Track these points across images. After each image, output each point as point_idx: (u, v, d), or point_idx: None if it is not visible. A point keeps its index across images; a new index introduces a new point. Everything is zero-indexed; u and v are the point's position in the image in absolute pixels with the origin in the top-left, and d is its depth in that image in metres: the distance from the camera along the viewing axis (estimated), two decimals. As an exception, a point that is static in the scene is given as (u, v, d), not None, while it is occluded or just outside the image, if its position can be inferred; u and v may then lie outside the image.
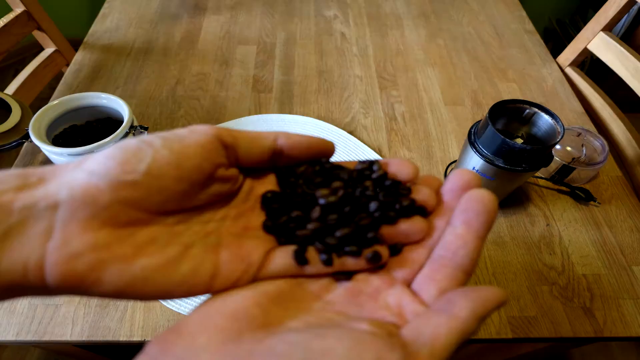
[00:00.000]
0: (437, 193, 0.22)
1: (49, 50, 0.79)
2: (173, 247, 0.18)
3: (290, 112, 0.69)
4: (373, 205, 0.21)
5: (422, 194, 0.22)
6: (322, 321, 0.18)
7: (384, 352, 0.15)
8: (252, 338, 0.16)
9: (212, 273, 0.19)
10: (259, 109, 0.70)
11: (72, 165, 0.18)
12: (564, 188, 0.60)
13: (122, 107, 0.56)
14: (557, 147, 0.60)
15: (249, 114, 0.69)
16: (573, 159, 0.59)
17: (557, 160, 0.58)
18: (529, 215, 0.57)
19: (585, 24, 0.77)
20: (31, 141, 0.52)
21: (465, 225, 0.20)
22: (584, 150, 0.59)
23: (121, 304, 0.47)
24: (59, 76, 0.77)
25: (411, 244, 0.22)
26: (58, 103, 0.56)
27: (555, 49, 0.91)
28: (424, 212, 0.22)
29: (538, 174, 0.61)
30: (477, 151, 0.49)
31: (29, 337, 0.44)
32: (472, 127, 0.52)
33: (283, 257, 0.20)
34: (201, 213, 0.20)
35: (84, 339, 0.44)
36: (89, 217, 0.16)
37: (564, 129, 0.47)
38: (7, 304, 0.46)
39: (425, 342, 0.16)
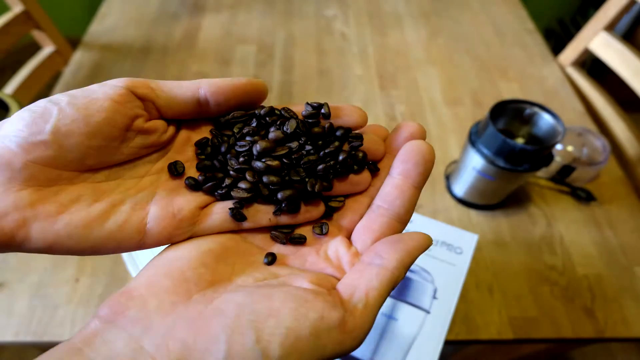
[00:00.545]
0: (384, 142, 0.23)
1: (48, 49, 0.78)
2: (100, 204, 0.18)
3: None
4: (321, 167, 0.21)
5: (372, 143, 0.22)
6: (268, 276, 0.19)
7: (326, 310, 0.17)
8: (201, 298, 0.17)
9: (139, 229, 0.19)
10: (258, 109, 0.70)
11: None
12: (564, 188, 0.59)
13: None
14: (558, 147, 0.60)
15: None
16: (574, 159, 0.59)
17: (558, 160, 0.58)
18: (530, 215, 0.57)
19: (586, 23, 0.77)
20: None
21: (403, 176, 0.21)
22: (585, 150, 0.59)
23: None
24: (57, 76, 0.77)
25: (356, 194, 0.22)
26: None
27: (556, 49, 0.91)
28: (375, 166, 0.22)
29: (539, 174, 0.61)
30: (478, 151, 0.49)
31: (28, 338, 0.44)
32: (472, 127, 0.52)
33: (220, 212, 0.20)
34: (133, 167, 0.20)
35: (82, 340, 0.44)
36: (7, 179, 0.17)
37: (564, 128, 0.47)
38: (6, 305, 0.46)
39: (360, 297, 0.18)
